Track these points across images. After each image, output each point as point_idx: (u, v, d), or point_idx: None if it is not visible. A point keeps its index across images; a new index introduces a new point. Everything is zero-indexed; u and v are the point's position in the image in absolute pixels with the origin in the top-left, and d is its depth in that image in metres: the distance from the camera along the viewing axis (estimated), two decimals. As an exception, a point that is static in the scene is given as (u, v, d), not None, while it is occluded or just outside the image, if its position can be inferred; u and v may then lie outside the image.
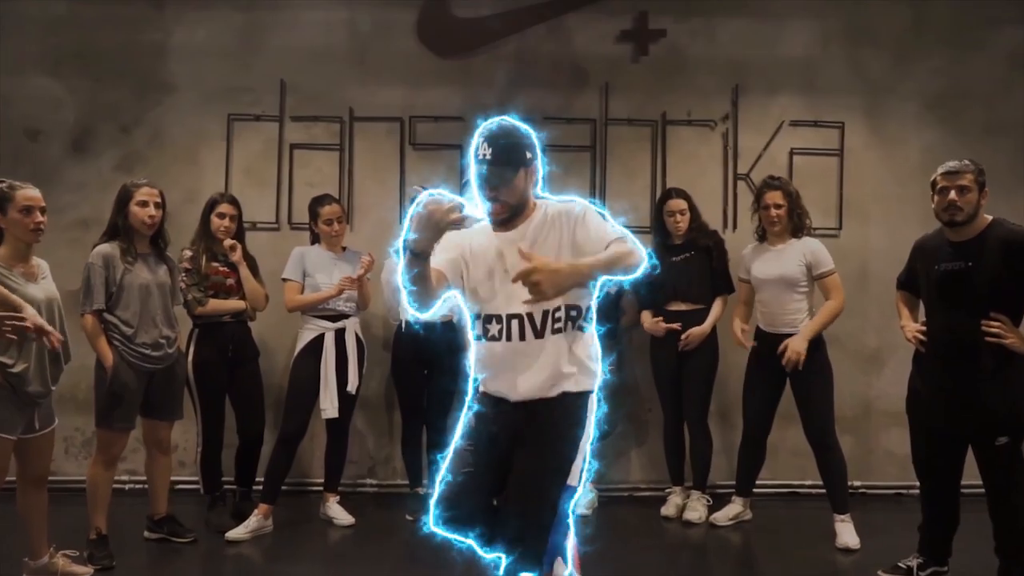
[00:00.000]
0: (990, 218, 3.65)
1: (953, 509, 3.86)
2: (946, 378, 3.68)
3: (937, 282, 3.72)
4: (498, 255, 2.72)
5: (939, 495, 3.87)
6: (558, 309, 2.69)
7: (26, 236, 3.58)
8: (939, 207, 3.66)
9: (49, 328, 3.40)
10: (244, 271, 4.68)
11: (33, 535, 3.78)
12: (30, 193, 3.60)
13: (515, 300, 2.64)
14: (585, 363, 2.76)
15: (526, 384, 2.72)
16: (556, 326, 2.70)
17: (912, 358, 3.92)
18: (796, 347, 4.43)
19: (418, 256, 2.45)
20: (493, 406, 2.80)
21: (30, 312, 3.38)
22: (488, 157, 2.60)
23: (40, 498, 3.78)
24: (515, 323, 2.70)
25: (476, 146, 2.64)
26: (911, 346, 3.89)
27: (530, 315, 2.69)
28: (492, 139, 2.62)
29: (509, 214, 2.69)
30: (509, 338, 2.71)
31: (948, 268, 3.68)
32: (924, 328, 3.81)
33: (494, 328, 2.72)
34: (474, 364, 2.84)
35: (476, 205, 2.67)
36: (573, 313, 2.72)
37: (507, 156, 2.62)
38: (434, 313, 2.75)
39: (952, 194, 3.60)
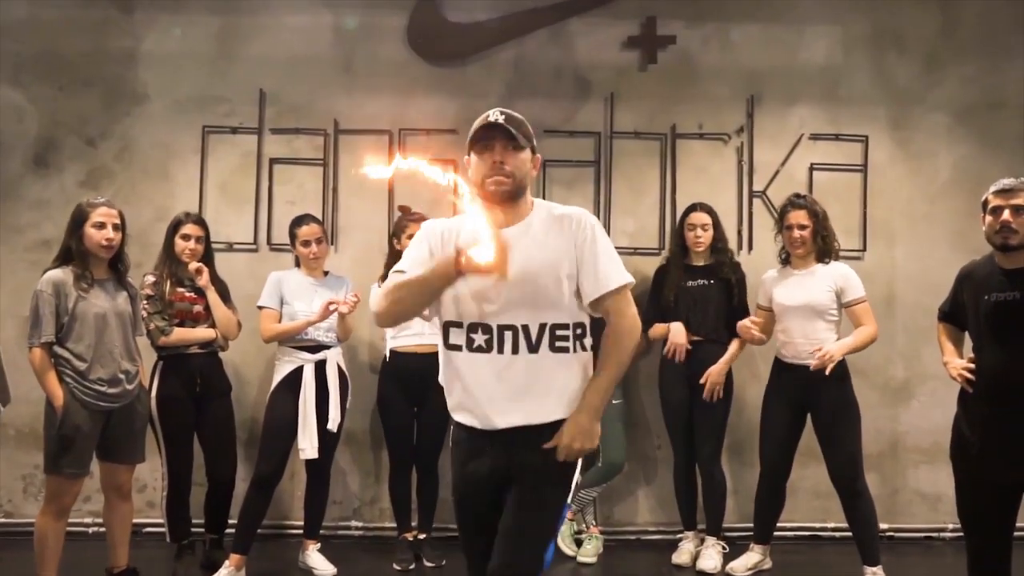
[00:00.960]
0: (1049, 242, 3.26)
1: (1005, 565, 3.46)
2: (1000, 422, 3.28)
3: (988, 314, 3.33)
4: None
5: (989, 551, 3.46)
6: (565, 326, 2.44)
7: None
8: (991, 229, 3.28)
9: None
10: (213, 296, 4.31)
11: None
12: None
13: (512, 308, 2.41)
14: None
15: (513, 409, 2.44)
16: (558, 344, 2.43)
17: (957, 398, 3.52)
18: (831, 351, 4.11)
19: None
20: (470, 440, 2.53)
21: None
22: (500, 120, 2.45)
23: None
24: (508, 334, 2.41)
25: (483, 118, 2.49)
26: (941, 377, 3.61)
27: (526, 327, 2.41)
28: (503, 112, 2.50)
29: (511, 188, 2.46)
30: (501, 351, 2.41)
31: (1001, 299, 3.29)
32: (971, 365, 3.42)
33: (480, 338, 2.42)
34: (446, 385, 2.55)
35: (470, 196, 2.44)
36: (579, 332, 2.48)
37: (518, 126, 2.49)
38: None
39: (1006, 214, 3.21)
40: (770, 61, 5.28)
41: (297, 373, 4.35)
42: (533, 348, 2.39)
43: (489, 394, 2.42)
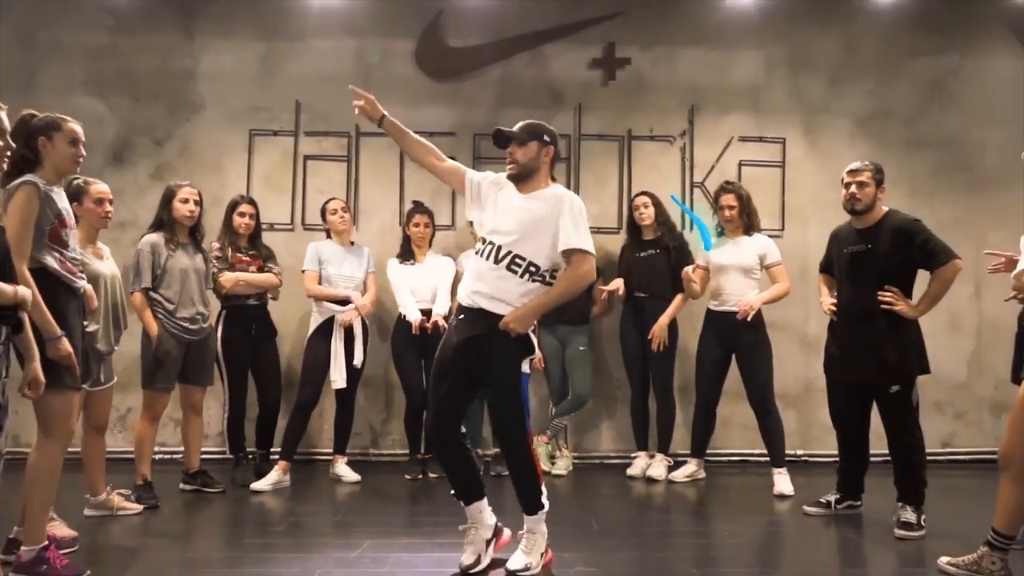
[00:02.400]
0: (886, 208, 4.47)
1: (863, 452, 4.65)
2: (852, 339, 4.47)
3: (846, 262, 4.53)
4: (508, 200, 3.66)
5: (851, 439, 4.65)
6: (523, 259, 3.57)
7: (98, 223, 4.35)
8: (844, 199, 4.48)
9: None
10: (255, 277, 5.36)
11: (93, 476, 4.50)
12: (101, 187, 4.39)
13: (498, 234, 3.58)
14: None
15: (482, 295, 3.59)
16: (512, 267, 3.57)
17: (828, 327, 4.72)
18: (751, 302, 5.24)
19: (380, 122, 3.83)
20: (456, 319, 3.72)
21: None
22: (515, 128, 3.63)
23: (100, 443, 4.51)
24: (491, 248, 3.59)
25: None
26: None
27: (499, 247, 3.58)
28: (523, 123, 3.68)
29: (518, 171, 3.62)
30: (486, 258, 3.59)
31: (854, 250, 4.49)
32: (835, 301, 4.61)
33: (486, 247, 3.63)
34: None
35: None
36: (532, 269, 3.59)
37: (529, 127, 3.64)
38: None
39: (853, 188, 4.42)
40: (707, 78, 6.42)
41: (329, 322, 5.47)
42: (496, 261, 3.57)
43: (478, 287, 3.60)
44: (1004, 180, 6.19)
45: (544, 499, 3.67)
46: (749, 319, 5.24)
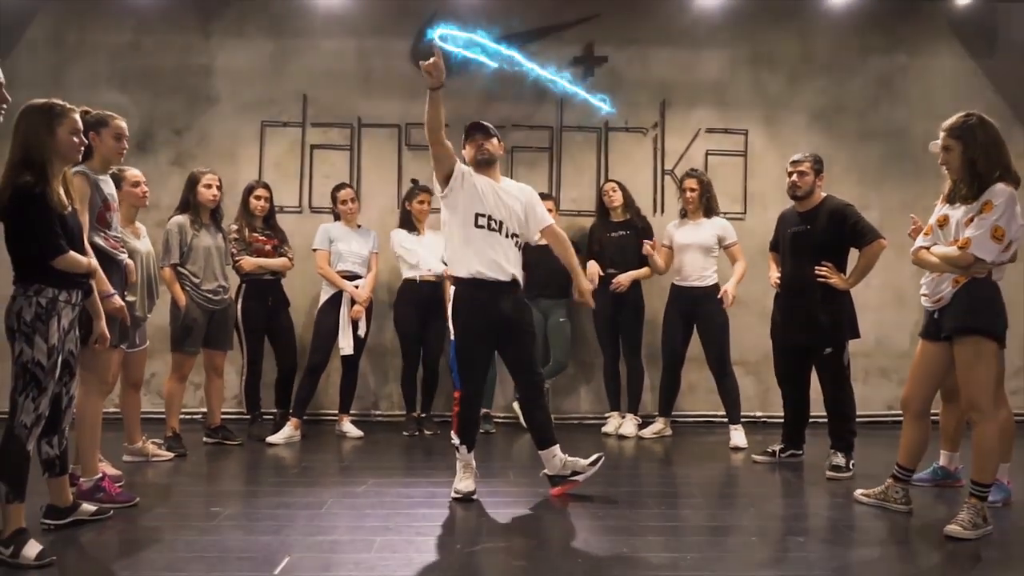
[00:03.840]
0: (824, 195, 5.12)
1: (804, 407, 5.32)
2: (793, 307, 5.14)
3: (789, 241, 5.18)
4: (489, 190, 4.37)
5: (793, 396, 5.32)
6: (517, 236, 4.39)
7: (137, 203, 4.97)
8: (787, 186, 5.13)
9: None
10: (271, 262, 5.97)
11: (130, 426, 5.16)
12: (136, 172, 5.00)
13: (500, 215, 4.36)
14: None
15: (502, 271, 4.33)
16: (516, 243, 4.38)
17: (773, 298, 5.38)
18: (732, 290, 5.88)
19: (436, 91, 4.26)
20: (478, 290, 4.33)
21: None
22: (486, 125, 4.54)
23: (136, 399, 5.16)
24: (498, 226, 4.34)
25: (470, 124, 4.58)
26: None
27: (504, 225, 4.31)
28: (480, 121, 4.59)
29: (489, 159, 4.48)
30: (502, 234, 4.34)
31: (796, 230, 5.14)
32: (780, 275, 5.27)
33: (486, 222, 4.31)
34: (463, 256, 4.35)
35: None
36: (518, 241, 4.38)
37: (491, 128, 4.57)
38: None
39: (794, 176, 5.07)
40: (677, 75, 7.05)
41: (338, 295, 6.11)
42: (508, 236, 4.31)
43: (489, 260, 4.27)
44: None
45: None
46: (730, 303, 5.89)
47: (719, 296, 5.91)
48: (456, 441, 4.39)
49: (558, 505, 4.30)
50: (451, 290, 4.61)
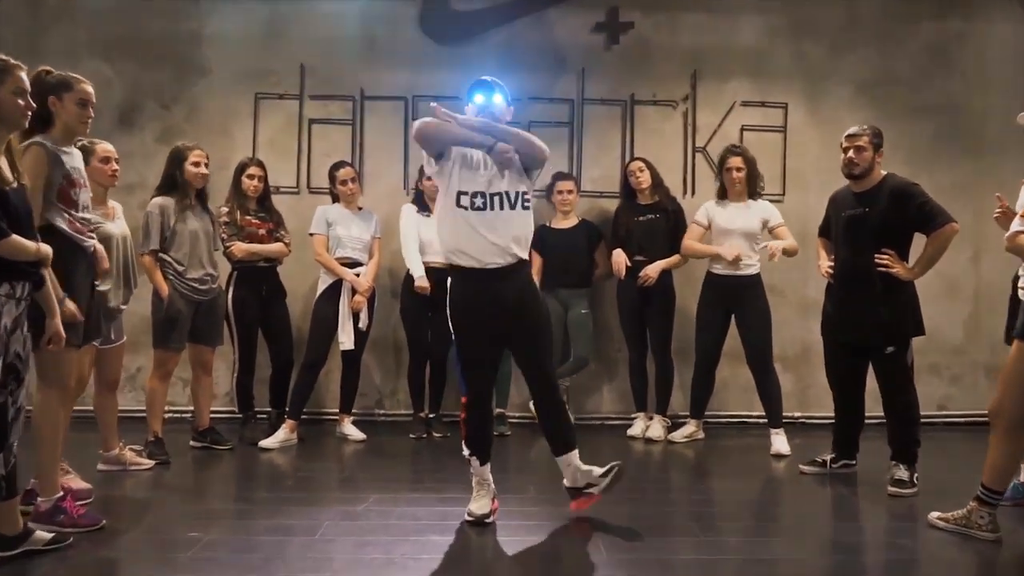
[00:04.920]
0: (884, 173, 4.53)
1: (858, 412, 4.75)
2: (849, 301, 4.56)
3: (844, 226, 4.60)
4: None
5: (847, 399, 4.74)
6: (526, 193, 3.78)
7: (106, 181, 4.42)
8: (842, 164, 4.54)
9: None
10: (265, 248, 5.44)
11: (106, 431, 4.63)
12: (107, 147, 4.46)
13: (499, 182, 3.70)
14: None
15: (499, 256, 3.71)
16: (525, 205, 3.77)
17: (825, 289, 4.80)
18: (778, 245, 5.26)
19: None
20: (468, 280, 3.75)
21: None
22: (489, 79, 3.88)
23: (112, 400, 4.63)
24: (497, 199, 3.68)
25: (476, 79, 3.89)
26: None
27: (507, 192, 3.70)
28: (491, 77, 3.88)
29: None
30: (493, 208, 3.68)
31: (851, 213, 4.55)
32: (833, 264, 4.69)
33: (479, 200, 3.67)
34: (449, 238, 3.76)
35: None
36: (527, 195, 3.80)
37: (499, 85, 3.86)
38: None
39: (851, 152, 4.48)
40: (710, 43, 6.46)
41: (337, 284, 5.56)
42: (512, 206, 3.68)
43: (481, 245, 3.66)
44: (1003, 146, 6.23)
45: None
46: (776, 259, 5.26)
47: (768, 252, 5.29)
48: (466, 452, 3.85)
49: (581, 533, 3.73)
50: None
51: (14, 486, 3.15)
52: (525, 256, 3.79)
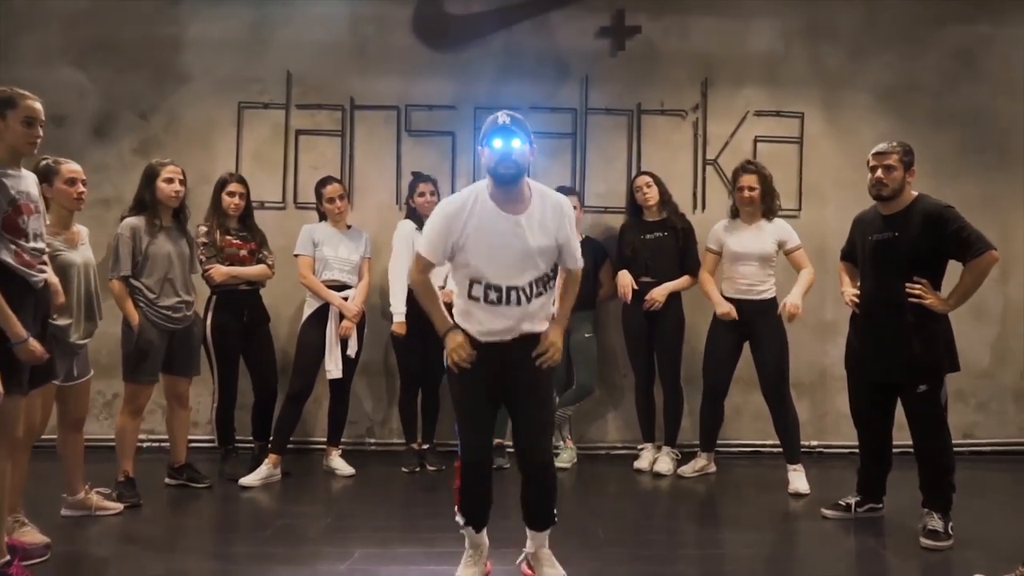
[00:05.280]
0: (916, 194, 4.16)
1: (886, 452, 4.38)
2: (876, 334, 4.18)
3: (870, 251, 4.23)
4: (513, 233, 3.20)
5: (873, 439, 4.38)
6: (545, 277, 3.30)
7: (70, 204, 4.06)
8: (869, 184, 4.17)
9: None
10: (246, 271, 5.10)
11: (70, 473, 4.27)
12: (73, 167, 4.09)
13: (518, 276, 3.22)
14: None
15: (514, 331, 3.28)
16: (538, 291, 3.27)
17: (849, 319, 4.43)
18: (795, 303, 4.93)
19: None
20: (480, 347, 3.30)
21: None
22: (507, 122, 3.20)
23: (77, 440, 4.26)
24: (514, 293, 3.22)
25: (492, 120, 3.23)
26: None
27: (525, 287, 3.24)
28: (509, 114, 3.22)
29: (515, 171, 3.19)
30: (508, 303, 3.23)
31: (879, 238, 4.18)
32: (857, 291, 4.32)
33: (493, 295, 3.23)
34: (463, 322, 3.33)
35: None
36: (549, 279, 3.33)
37: (520, 125, 3.22)
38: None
39: (880, 172, 4.11)
40: (721, 49, 6.09)
41: (325, 308, 5.19)
42: (528, 300, 3.24)
43: (498, 328, 3.25)
44: None
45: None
46: (790, 319, 4.96)
47: (778, 311, 4.99)
48: (460, 521, 3.42)
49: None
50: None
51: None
52: (541, 327, 3.36)
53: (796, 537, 4.41)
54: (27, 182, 3.36)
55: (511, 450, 3.71)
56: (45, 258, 3.44)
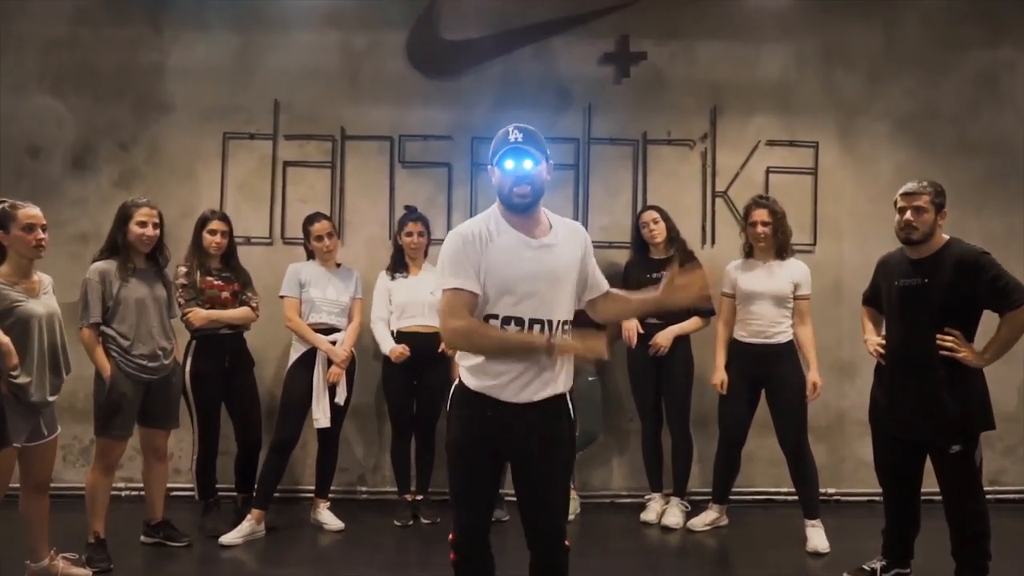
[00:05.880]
0: (947, 237, 3.87)
1: (914, 513, 4.07)
2: (904, 388, 3.88)
3: (897, 297, 3.93)
4: (538, 259, 2.84)
5: (901, 500, 4.08)
6: (568, 322, 2.92)
7: (28, 253, 3.77)
8: (897, 226, 3.89)
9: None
10: (228, 314, 4.84)
11: (34, 538, 3.98)
12: (31, 212, 3.80)
13: (544, 307, 2.82)
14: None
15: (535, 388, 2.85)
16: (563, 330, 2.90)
17: (874, 370, 4.13)
18: (818, 383, 4.82)
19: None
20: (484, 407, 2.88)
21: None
22: (520, 139, 2.81)
23: (42, 503, 3.97)
24: (536, 327, 2.82)
25: (503, 135, 2.86)
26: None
27: (550, 322, 2.84)
28: (520, 128, 2.85)
29: (532, 198, 2.84)
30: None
31: (907, 284, 3.89)
32: (884, 341, 4.02)
33: (513, 328, 2.83)
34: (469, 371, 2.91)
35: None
36: (568, 323, 2.93)
37: (535, 140, 2.84)
38: None
39: (909, 214, 3.82)
40: (731, 75, 5.84)
41: (311, 353, 4.92)
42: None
43: (515, 375, 2.82)
44: None
45: None
46: (817, 395, 4.79)
47: (808, 394, 4.79)
48: None
49: None
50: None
51: None
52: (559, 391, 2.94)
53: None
54: None
55: (511, 499, 3.29)
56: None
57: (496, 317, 2.82)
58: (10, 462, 3.65)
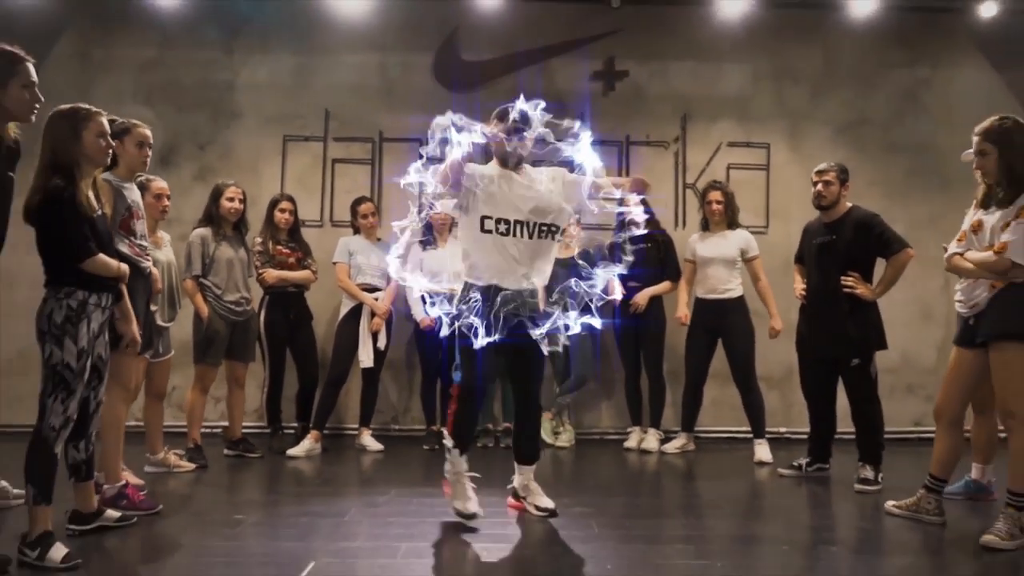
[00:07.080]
0: (850, 205, 5.07)
1: (831, 420, 5.24)
2: (819, 319, 5.08)
3: (814, 251, 5.13)
4: (510, 182, 4.17)
5: (820, 409, 5.24)
6: (555, 227, 4.16)
7: (156, 215, 4.99)
8: (812, 196, 5.09)
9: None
10: (294, 275, 5.98)
11: (152, 437, 5.15)
12: (161, 184, 5.02)
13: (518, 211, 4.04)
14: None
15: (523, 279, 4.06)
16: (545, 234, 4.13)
17: (799, 310, 5.32)
18: (777, 327, 5.87)
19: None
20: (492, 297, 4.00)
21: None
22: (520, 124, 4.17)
23: (159, 409, 5.15)
24: (519, 227, 4.05)
25: (515, 115, 4.28)
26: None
27: (527, 222, 4.08)
28: (519, 115, 4.24)
29: (519, 160, 4.26)
30: (515, 235, 4.04)
31: (821, 240, 5.09)
32: (805, 287, 5.22)
33: (502, 227, 4.04)
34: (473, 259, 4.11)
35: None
36: (554, 229, 4.16)
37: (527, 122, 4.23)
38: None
39: (820, 186, 5.03)
40: (698, 89, 7.04)
41: (358, 307, 6.09)
42: (530, 236, 4.07)
43: (507, 266, 4.04)
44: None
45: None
46: (778, 332, 5.87)
47: (770, 335, 5.91)
48: (449, 443, 4.14)
49: (582, 515, 4.21)
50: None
51: (92, 469, 3.67)
52: (540, 284, 4.20)
53: (758, 487, 5.25)
54: (136, 193, 4.29)
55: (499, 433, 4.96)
56: (148, 253, 4.36)
57: (491, 217, 4.18)
58: (144, 367, 4.82)
